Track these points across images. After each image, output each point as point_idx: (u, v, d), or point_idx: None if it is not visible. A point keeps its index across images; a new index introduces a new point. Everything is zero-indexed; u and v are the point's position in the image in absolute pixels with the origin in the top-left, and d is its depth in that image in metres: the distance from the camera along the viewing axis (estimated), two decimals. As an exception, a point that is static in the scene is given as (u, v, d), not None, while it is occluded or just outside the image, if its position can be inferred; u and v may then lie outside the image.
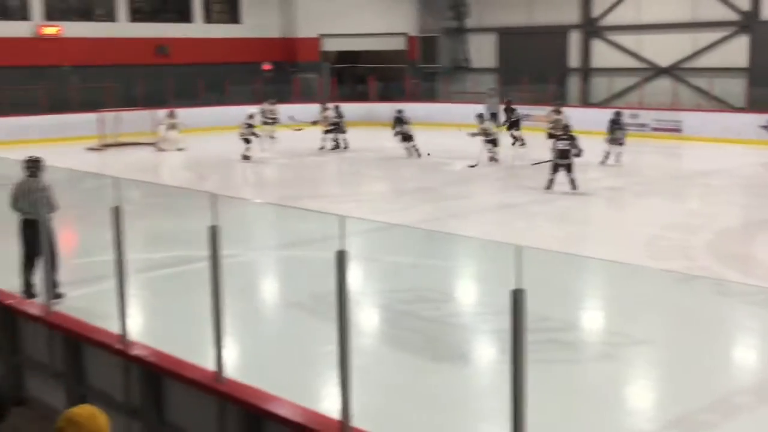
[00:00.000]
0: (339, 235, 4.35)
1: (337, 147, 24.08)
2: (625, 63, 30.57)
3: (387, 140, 23.05)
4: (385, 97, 33.64)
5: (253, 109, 23.85)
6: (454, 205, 16.40)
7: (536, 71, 31.07)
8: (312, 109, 30.70)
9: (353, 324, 4.52)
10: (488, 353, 8.56)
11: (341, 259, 4.33)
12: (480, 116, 21.22)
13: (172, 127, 24.81)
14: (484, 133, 20.27)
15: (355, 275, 4.42)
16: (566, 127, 17.88)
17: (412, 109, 31.01)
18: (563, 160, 16.59)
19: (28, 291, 9.22)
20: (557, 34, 32.04)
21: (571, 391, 7.25)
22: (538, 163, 19.19)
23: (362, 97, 34.18)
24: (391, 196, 17.79)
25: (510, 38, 33.42)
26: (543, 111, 28.77)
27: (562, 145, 16.67)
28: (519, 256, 3.51)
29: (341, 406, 4.45)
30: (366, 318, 9.19)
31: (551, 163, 16.78)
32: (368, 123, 30.15)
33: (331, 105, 25.13)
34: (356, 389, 4.51)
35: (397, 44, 35.19)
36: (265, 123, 26.60)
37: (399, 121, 22.59)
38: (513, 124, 23.75)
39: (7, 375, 7.06)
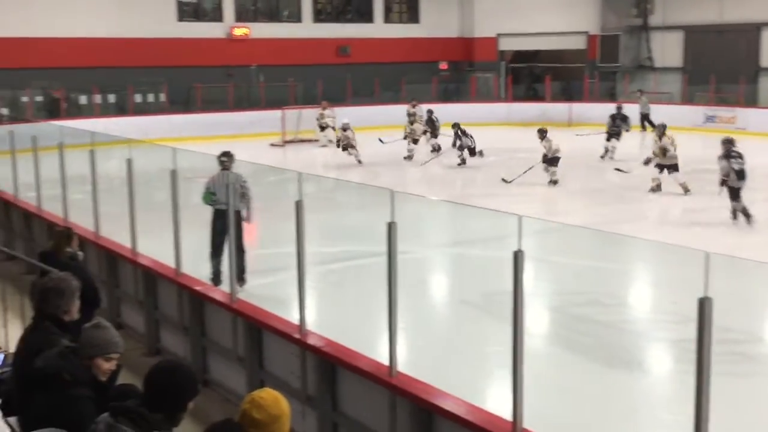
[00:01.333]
0: (514, 234, 4.32)
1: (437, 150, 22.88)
2: (824, 62, 28.59)
3: (561, 141, 22.58)
4: (561, 97, 33.08)
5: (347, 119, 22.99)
6: (630, 208, 15.89)
7: (725, 71, 29.57)
8: (487, 108, 30.84)
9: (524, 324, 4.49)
10: (664, 362, 8.27)
11: (518, 259, 4.30)
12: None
13: (325, 123, 25.40)
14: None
15: (528, 276, 4.38)
16: (665, 151, 16.58)
17: (589, 109, 30.41)
18: (740, 182, 13.75)
19: (215, 278, 9.72)
20: (749, 31, 30.34)
21: (755, 406, 6.88)
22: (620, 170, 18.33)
23: (538, 97, 33.76)
24: (564, 197, 17.45)
25: (698, 36, 31.95)
26: (729, 112, 27.43)
27: (737, 164, 13.79)
28: (707, 263, 3.36)
29: (513, 406, 4.43)
30: (538, 319, 9.08)
31: (729, 188, 13.86)
32: (542, 123, 29.63)
33: (421, 117, 24.18)
34: (526, 390, 4.48)
35: (577, 43, 34.44)
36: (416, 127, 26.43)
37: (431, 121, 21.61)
38: (612, 135, 22.28)
39: (194, 357, 7.49)
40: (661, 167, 17.03)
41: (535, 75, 35.76)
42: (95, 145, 9.40)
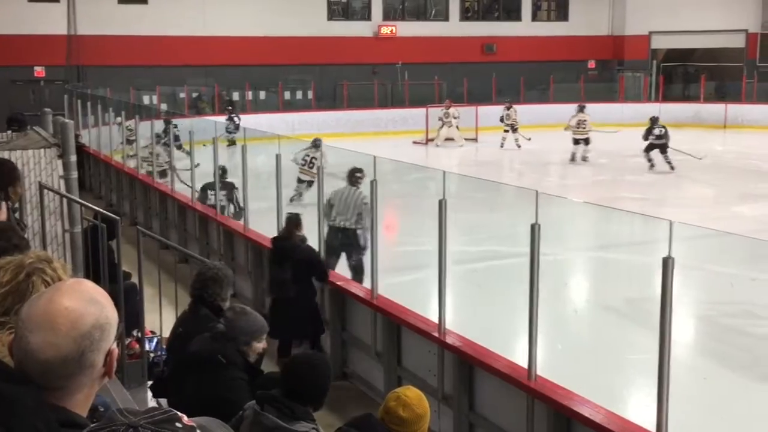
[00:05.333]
0: (662, 239, 4.19)
1: None
2: None
3: (717, 143, 21.70)
4: (716, 97, 31.70)
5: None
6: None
7: None
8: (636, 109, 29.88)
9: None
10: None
11: (668, 265, 4.17)
12: None
13: (448, 122, 25.30)
14: None
15: (676, 282, 4.24)
16: None
17: (748, 110, 28.98)
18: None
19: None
20: None
21: None
22: None
23: (691, 98, 32.48)
24: (716, 202, 16.71)
25: None
26: None
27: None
28: None
29: (656, 417, 4.30)
30: (685, 328, 8.75)
31: None
32: (696, 125, 28.57)
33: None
34: (670, 401, 4.34)
35: (735, 41, 32.90)
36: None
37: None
38: None
39: (334, 350, 7.63)
40: None
41: (689, 74, 34.45)
42: (248, 140, 9.71)
